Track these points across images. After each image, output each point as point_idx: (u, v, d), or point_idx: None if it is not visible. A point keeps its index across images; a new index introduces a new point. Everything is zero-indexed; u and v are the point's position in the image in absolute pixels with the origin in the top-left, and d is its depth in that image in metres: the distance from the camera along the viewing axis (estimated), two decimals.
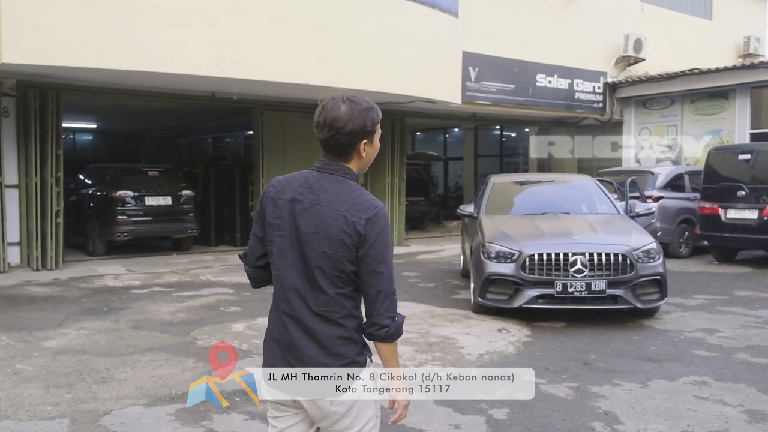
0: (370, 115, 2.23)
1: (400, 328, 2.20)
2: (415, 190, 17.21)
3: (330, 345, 2.16)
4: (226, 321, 6.99)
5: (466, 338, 6.37)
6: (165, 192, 12.00)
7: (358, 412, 2.20)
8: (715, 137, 15.07)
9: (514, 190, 9.32)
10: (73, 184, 12.92)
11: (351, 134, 2.19)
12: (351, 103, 2.20)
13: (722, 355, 5.86)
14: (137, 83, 10.70)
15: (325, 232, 2.13)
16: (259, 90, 11.64)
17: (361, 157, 2.25)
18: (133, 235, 11.78)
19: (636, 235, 7.32)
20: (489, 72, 14.41)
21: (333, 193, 2.17)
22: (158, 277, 9.86)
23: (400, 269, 10.89)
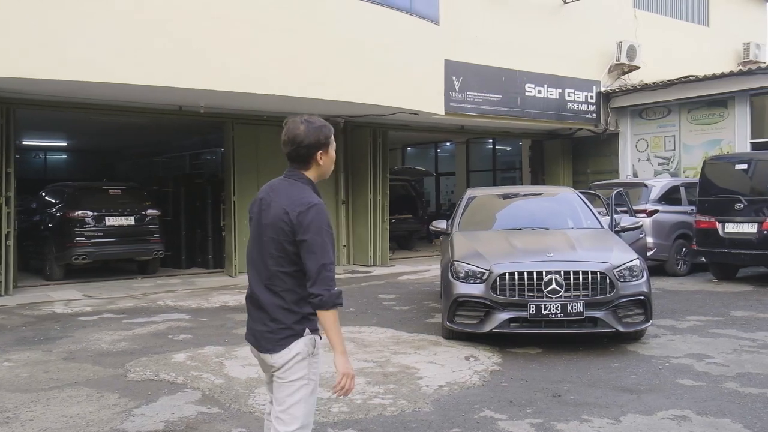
0: (323, 131, 2.91)
1: (334, 298, 2.74)
2: (402, 206, 16.92)
3: (271, 311, 2.83)
4: (170, 350, 6.59)
5: (428, 368, 5.96)
6: (127, 211, 11.65)
7: (289, 369, 2.80)
8: (714, 148, 14.73)
9: (492, 204, 8.95)
10: (35, 203, 12.57)
11: (309, 147, 2.87)
12: (308, 123, 2.89)
13: (709, 385, 5.43)
14: (99, 96, 10.39)
15: (273, 222, 2.81)
16: (229, 102, 11.32)
17: (319, 164, 2.92)
18: (93, 258, 11.38)
19: (618, 252, 6.92)
20: (474, 81, 14.09)
21: (284, 193, 2.86)
22: (113, 303, 9.48)
23: (376, 291, 10.55)
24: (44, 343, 6.93)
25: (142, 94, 10.20)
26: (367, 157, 14.10)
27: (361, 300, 9.74)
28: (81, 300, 9.71)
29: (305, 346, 2.82)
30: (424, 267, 13.50)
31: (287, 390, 2.82)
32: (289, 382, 2.81)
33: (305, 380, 2.83)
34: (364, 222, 14.10)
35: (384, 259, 14.23)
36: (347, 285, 11.32)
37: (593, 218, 8.09)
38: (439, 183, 24.10)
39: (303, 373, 2.82)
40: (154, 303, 9.47)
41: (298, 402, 2.82)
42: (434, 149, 23.95)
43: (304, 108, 12.34)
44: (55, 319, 8.24)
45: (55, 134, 17.71)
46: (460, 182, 21.95)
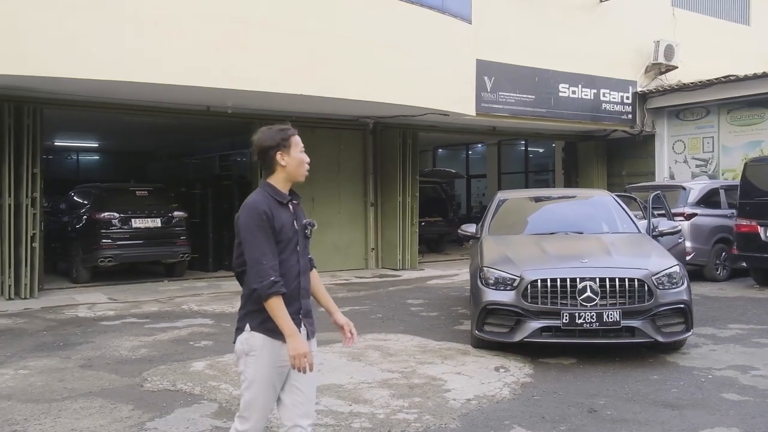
0: (281, 133, 3.02)
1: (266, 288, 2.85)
2: (432, 209, 16.66)
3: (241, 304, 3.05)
4: (189, 358, 6.41)
5: (455, 379, 5.67)
6: (154, 213, 11.53)
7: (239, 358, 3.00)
8: (754, 149, 14.17)
9: (524, 207, 8.63)
10: (64, 204, 12.57)
11: (267, 149, 3.00)
12: (268, 128, 3.05)
13: (756, 400, 5.06)
14: (125, 96, 10.34)
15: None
16: (256, 102, 11.19)
17: (282, 166, 3.02)
18: (119, 261, 11.29)
19: (656, 258, 6.55)
20: (506, 81, 13.74)
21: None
22: (137, 306, 9.35)
23: (404, 296, 10.30)
24: (63, 349, 6.80)
25: (168, 94, 10.11)
26: (397, 159, 13.85)
27: (389, 305, 9.49)
28: (105, 303, 9.61)
29: (241, 344, 2.97)
30: (454, 271, 13.20)
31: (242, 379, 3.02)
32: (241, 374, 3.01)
33: (243, 375, 2.99)
34: (393, 225, 13.85)
35: (413, 262, 13.96)
36: (375, 290, 11.09)
37: (630, 222, 7.73)
38: (470, 185, 23.77)
39: (241, 368, 3.00)
40: (178, 307, 9.32)
41: (242, 392, 3.02)
42: (465, 151, 23.62)
43: (331, 108, 12.19)
44: (77, 324, 8.13)
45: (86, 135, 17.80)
46: (491, 184, 21.57)
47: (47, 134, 16.34)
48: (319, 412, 4.86)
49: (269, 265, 2.87)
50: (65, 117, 12.79)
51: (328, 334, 7.40)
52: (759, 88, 13.82)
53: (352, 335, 3.29)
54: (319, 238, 13.40)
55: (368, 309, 9.21)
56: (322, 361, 6.28)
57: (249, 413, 2.97)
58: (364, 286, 11.57)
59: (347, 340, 3.29)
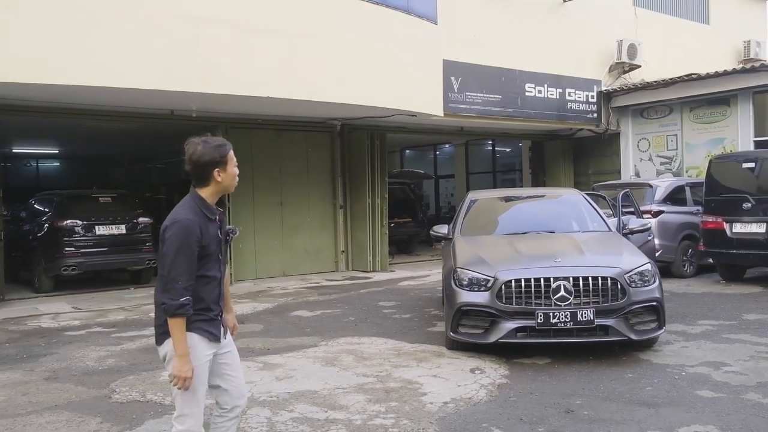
0: (220, 150, 3.12)
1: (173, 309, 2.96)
2: (402, 210, 16.63)
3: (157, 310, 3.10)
4: (159, 367, 6.20)
5: (431, 382, 5.62)
6: (118, 220, 11.28)
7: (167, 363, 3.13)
8: (717, 146, 14.43)
9: (495, 207, 8.62)
10: (24, 212, 12.22)
11: (206, 165, 3.09)
12: (205, 143, 3.11)
13: (730, 396, 5.10)
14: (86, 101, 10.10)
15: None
16: (221, 105, 11.04)
17: (218, 181, 3.14)
18: (83, 269, 11.00)
19: (628, 256, 6.59)
20: (473, 82, 13.79)
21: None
22: (103, 315, 9.13)
23: (376, 298, 10.23)
24: (26, 362, 6.58)
25: (132, 98, 9.88)
26: (365, 161, 13.78)
27: (361, 308, 9.42)
28: (70, 313, 9.36)
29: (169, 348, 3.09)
30: (424, 272, 13.19)
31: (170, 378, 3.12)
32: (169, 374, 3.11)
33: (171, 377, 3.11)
34: (363, 227, 13.78)
35: (383, 264, 13.91)
36: (346, 292, 11.01)
37: (600, 220, 7.78)
38: (438, 186, 23.79)
39: (168, 370, 3.12)
40: (146, 315, 9.11)
41: (176, 395, 3.15)
42: (433, 151, 23.63)
43: (300, 110, 12.08)
44: (41, 335, 7.90)
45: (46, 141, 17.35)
46: (459, 185, 21.63)
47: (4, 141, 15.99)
48: (294, 419, 4.77)
49: (183, 286, 2.98)
50: (23, 123, 12.45)
51: (301, 339, 7.35)
52: (720, 86, 14.09)
53: (232, 335, 3.52)
54: (288, 242, 13.29)
55: (340, 312, 9.13)
56: (296, 367, 6.20)
57: (189, 409, 3.13)
58: (335, 289, 11.49)
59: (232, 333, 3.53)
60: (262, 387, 5.55)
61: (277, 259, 12.95)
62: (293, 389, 5.48)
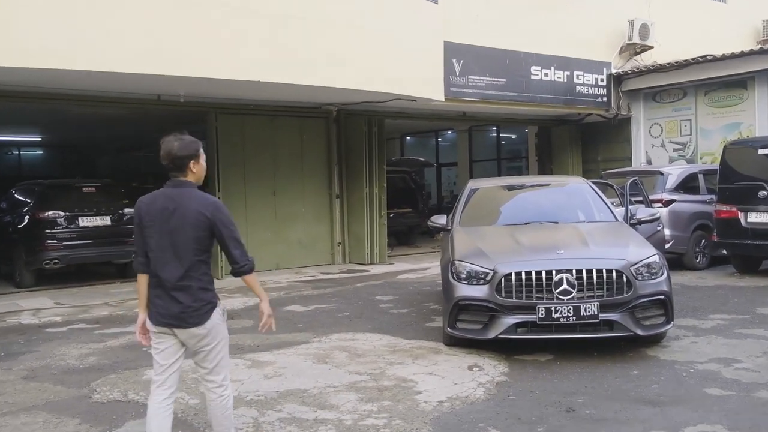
0: (193, 145, 3.75)
1: (253, 264, 3.79)
2: (401, 200, 16.61)
3: (195, 293, 3.68)
4: (143, 365, 6.25)
5: (427, 380, 5.63)
6: (103, 211, 11.26)
7: (214, 334, 3.76)
8: (733, 132, 14.37)
9: (496, 196, 8.63)
10: (5, 203, 12.22)
11: (183, 158, 3.71)
12: (180, 140, 3.73)
13: (739, 394, 5.10)
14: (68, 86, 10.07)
15: (189, 223, 3.64)
16: (211, 90, 11.01)
17: (193, 172, 3.77)
18: (66, 262, 10.99)
19: (634, 247, 6.58)
20: (476, 64, 13.70)
21: (187, 199, 3.70)
22: (86, 311, 9.15)
23: (373, 292, 10.25)
24: (4, 360, 6.60)
25: (117, 83, 9.84)
26: (362, 148, 13.74)
27: (356, 303, 9.43)
28: (51, 309, 9.38)
29: (219, 315, 3.78)
30: (424, 264, 13.19)
31: (214, 351, 3.78)
32: (215, 345, 3.77)
33: (225, 339, 3.85)
34: (360, 217, 13.77)
35: (382, 256, 13.91)
36: (341, 286, 11.02)
37: (606, 210, 7.76)
38: (440, 174, 23.78)
39: (223, 332, 3.82)
40: (131, 311, 9.11)
41: (224, 355, 3.85)
42: (435, 138, 23.62)
43: (293, 95, 12.05)
44: (20, 332, 7.91)
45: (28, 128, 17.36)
46: (462, 173, 21.60)
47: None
48: (282, 420, 4.78)
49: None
50: (3, 109, 12.44)
51: (293, 335, 7.36)
52: (737, 68, 14.00)
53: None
54: (282, 234, 13.29)
55: (335, 307, 9.14)
56: (285, 364, 6.21)
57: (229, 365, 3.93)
58: (331, 282, 11.50)
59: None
60: (249, 386, 5.56)
61: (270, 251, 12.94)
62: (282, 388, 5.49)
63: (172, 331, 3.72)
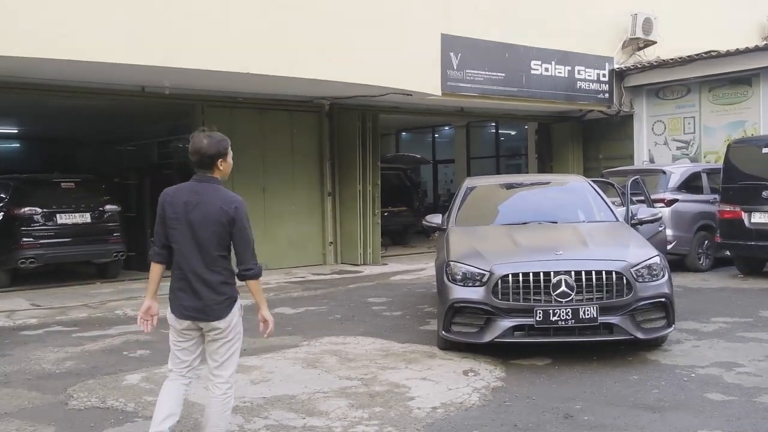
0: (222, 143, 3.96)
1: (260, 270, 4.04)
2: (396, 198, 16.65)
3: (216, 287, 3.92)
4: (123, 370, 6.26)
5: (421, 385, 5.63)
6: (83, 207, 11.22)
7: (231, 329, 4.00)
8: (738, 130, 14.42)
9: (494, 195, 8.64)
10: None
11: (212, 156, 3.91)
12: (210, 138, 3.93)
13: (741, 399, 5.13)
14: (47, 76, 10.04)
15: (212, 218, 3.85)
16: (197, 82, 11.01)
17: (219, 169, 3.98)
18: (43, 261, 10.92)
19: (635, 248, 6.61)
20: (474, 58, 13.70)
21: (211, 195, 3.91)
22: (64, 313, 9.11)
23: (365, 294, 10.27)
24: None
25: (98, 73, 9.83)
26: (356, 144, 13.74)
27: (348, 305, 9.43)
28: (27, 310, 9.33)
29: (239, 309, 4.04)
30: (419, 265, 13.20)
31: (228, 345, 4.00)
32: (230, 340, 4.00)
33: (239, 335, 4.07)
34: (353, 216, 13.77)
35: (375, 257, 13.91)
36: (333, 287, 11.02)
37: (607, 210, 7.79)
38: (437, 171, 23.79)
39: (239, 329, 4.05)
40: (111, 313, 9.13)
41: (236, 351, 4.07)
42: (431, 134, 23.62)
43: (284, 88, 12.04)
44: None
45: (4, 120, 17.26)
46: (459, 170, 21.63)
47: None
48: (268, 427, 4.78)
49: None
50: None
51: (281, 338, 7.35)
52: (742, 65, 14.04)
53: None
54: (272, 232, 13.26)
55: (326, 309, 9.14)
56: (273, 369, 6.20)
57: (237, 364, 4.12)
58: (322, 283, 11.50)
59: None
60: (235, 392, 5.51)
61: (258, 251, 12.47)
62: (270, 394, 5.48)
63: (196, 324, 3.94)
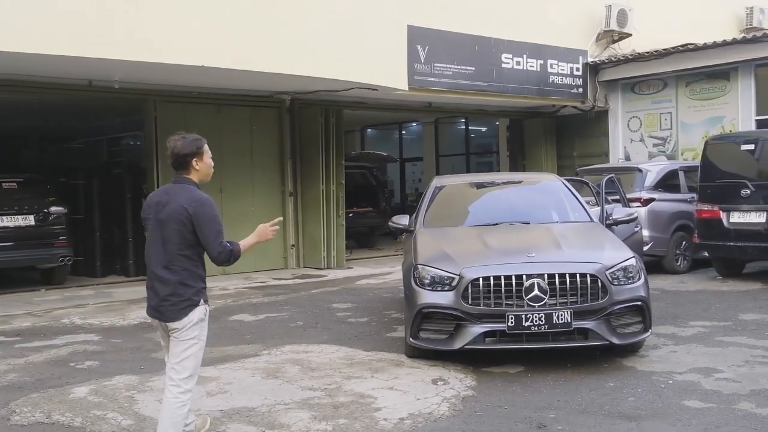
0: (196, 143, 4.26)
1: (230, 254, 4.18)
2: (361, 198, 16.71)
3: (174, 287, 4.13)
4: (70, 383, 6.18)
5: (387, 395, 5.64)
6: (26, 209, 11.11)
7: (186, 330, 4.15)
8: (716, 126, 14.71)
9: (464, 194, 8.72)
10: None
11: (185, 156, 4.23)
12: (183, 139, 4.25)
13: (720, 407, 5.22)
14: None
15: (174, 217, 4.12)
16: (149, 76, 10.92)
17: (197, 169, 4.28)
18: None
19: (610, 250, 6.70)
20: (442, 51, 13.79)
21: (179, 194, 4.20)
22: (5, 322, 8.96)
23: (329, 300, 10.25)
24: None
25: (42, 66, 9.70)
26: (318, 141, 13.73)
27: (311, 311, 9.42)
28: None
29: (200, 314, 4.19)
30: (386, 269, 13.24)
31: (182, 346, 4.16)
32: (185, 340, 4.16)
33: (196, 339, 4.20)
34: (316, 217, 13.75)
35: (339, 260, 13.92)
36: (295, 293, 11.00)
37: (581, 210, 7.89)
38: (404, 170, 23.87)
39: (196, 333, 4.19)
40: (57, 321, 9.02)
41: (191, 355, 4.18)
42: (398, 131, 23.70)
43: (242, 83, 11.98)
44: None
45: None
46: (428, 168, 21.74)
47: None
48: None
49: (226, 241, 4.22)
50: None
51: (240, 347, 7.31)
52: (719, 58, 14.33)
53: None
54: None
55: (287, 316, 9.12)
56: (231, 380, 6.17)
57: (196, 370, 4.24)
58: (283, 289, 11.47)
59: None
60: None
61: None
62: (227, 406, 5.45)
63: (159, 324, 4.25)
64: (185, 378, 4.16)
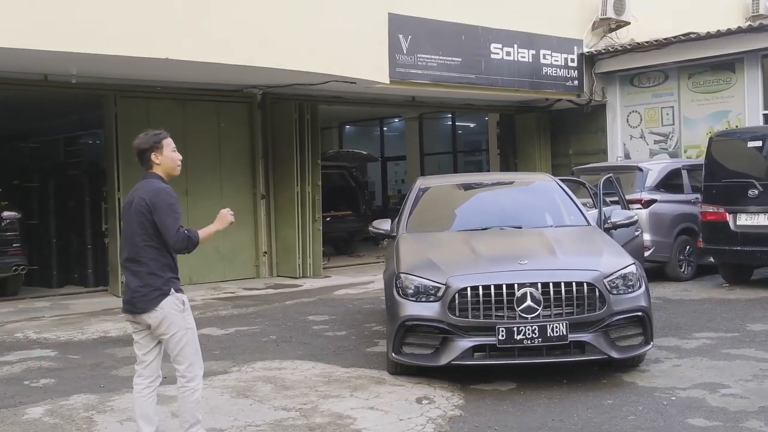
0: (154, 137, 4.63)
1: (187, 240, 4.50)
2: (340, 201, 16.74)
3: (142, 277, 4.52)
4: (24, 403, 6.16)
5: (367, 416, 5.63)
6: None
7: (168, 324, 4.53)
8: (721, 121, 14.81)
9: (450, 197, 8.76)
10: None
11: (143, 150, 4.62)
12: (145, 134, 4.66)
13: (726, 425, 5.25)
14: None
15: (135, 209, 4.52)
16: (108, 69, 10.88)
17: (158, 163, 4.62)
18: None
19: (608, 256, 6.72)
20: (426, 41, 13.80)
21: (142, 188, 4.58)
22: None
23: (304, 311, 10.26)
24: None
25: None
26: (293, 139, 13.73)
27: (285, 324, 9.41)
28: None
29: (174, 304, 4.52)
30: (367, 277, 13.26)
31: (173, 341, 4.54)
32: (173, 335, 4.52)
33: (184, 330, 4.56)
34: (290, 222, 13.74)
35: (316, 268, 13.93)
36: (267, 304, 10.99)
37: (577, 212, 7.93)
38: (385, 170, 23.88)
39: (181, 323, 4.54)
40: (10, 336, 8.98)
41: (186, 345, 4.57)
42: (379, 127, 23.73)
43: (209, 76, 11.98)
44: None
45: None
46: (412, 168, 21.79)
47: None
48: None
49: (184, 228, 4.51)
50: None
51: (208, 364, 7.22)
52: (724, 48, 14.40)
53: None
54: None
55: (259, 329, 9.11)
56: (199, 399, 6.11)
57: (196, 356, 4.66)
58: (255, 300, 11.47)
59: None
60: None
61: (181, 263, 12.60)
62: None
63: (134, 318, 4.58)
64: (187, 367, 4.58)
